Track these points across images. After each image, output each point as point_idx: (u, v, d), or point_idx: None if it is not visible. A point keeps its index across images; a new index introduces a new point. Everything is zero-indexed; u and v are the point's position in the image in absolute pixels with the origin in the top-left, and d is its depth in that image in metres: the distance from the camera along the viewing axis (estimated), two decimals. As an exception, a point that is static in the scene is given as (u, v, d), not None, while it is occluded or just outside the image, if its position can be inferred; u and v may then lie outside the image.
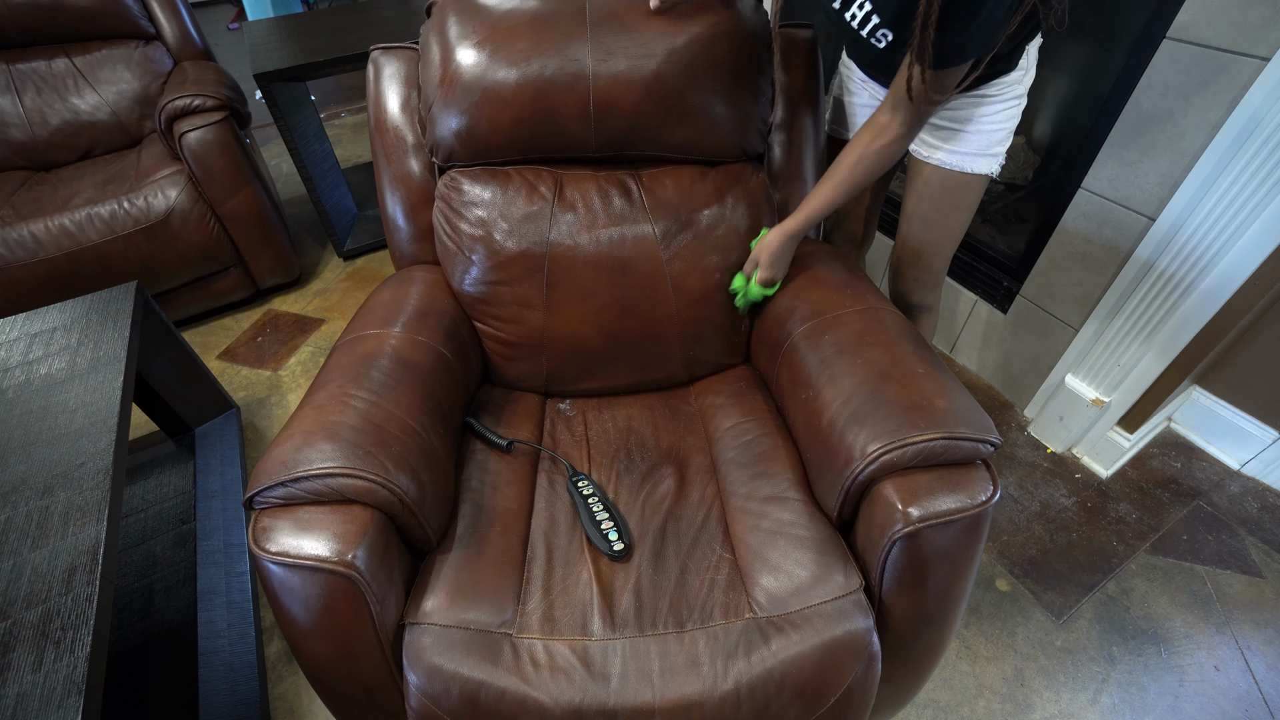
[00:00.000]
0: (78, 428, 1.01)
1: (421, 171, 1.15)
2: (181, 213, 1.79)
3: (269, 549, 0.72)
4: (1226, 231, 1.13)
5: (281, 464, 0.76)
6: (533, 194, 1.10)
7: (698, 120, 1.08)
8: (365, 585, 0.73)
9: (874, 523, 0.80)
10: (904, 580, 0.80)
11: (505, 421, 1.12)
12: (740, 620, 0.82)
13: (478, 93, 1.03)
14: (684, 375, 1.22)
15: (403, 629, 0.80)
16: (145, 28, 2.04)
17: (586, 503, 0.96)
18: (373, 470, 0.77)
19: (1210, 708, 1.16)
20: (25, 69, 1.94)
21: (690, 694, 0.77)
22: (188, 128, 1.76)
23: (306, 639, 0.75)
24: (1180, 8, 1.07)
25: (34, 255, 1.67)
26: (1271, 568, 1.37)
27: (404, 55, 1.14)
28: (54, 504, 0.90)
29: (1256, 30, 1.00)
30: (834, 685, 0.79)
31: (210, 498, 1.46)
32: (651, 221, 1.11)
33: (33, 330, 1.21)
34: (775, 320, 1.11)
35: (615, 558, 0.90)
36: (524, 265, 1.10)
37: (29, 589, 0.80)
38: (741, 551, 0.90)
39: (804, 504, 0.93)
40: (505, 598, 0.84)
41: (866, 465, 0.79)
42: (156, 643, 1.21)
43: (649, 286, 1.12)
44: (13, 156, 1.94)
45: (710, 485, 1.01)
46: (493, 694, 0.76)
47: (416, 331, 1.03)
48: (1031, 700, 1.18)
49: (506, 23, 1.03)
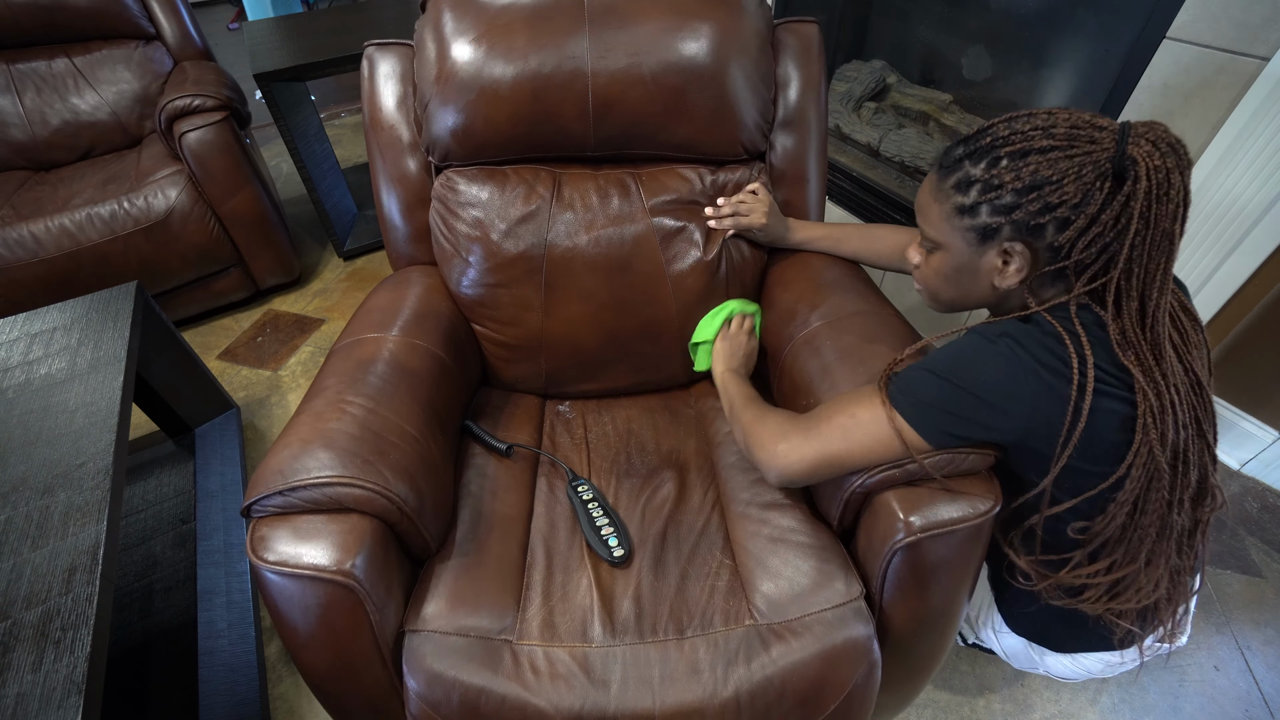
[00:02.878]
0: (78, 428, 1.01)
1: (418, 170, 1.14)
2: (181, 213, 1.79)
3: (267, 558, 0.71)
4: (1227, 231, 1.13)
5: (279, 473, 0.75)
6: (530, 194, 1.09)
7: (698, 118, 1.07)
8: (364, 594, 0.73)
9: (875, 531, 0.80)
10: (905, 589, 0.80)
11: (504, 424, 1.12)
12: (741, 627, 0.82)
13: (474, 90, 1.02)
14: (684, 377, 1.22)
15: (402, 636, 0.80)
16: (145, 28, 2.03)
17: (586, 508, 0.96)
18: (371, 479, 0.77)
19: (1210, 708, 1.16)
20: (25, 69, 1.94)
21: (690, 701, 0.77)
22: (188, 128, 1.75)
23: (306, 647, 0.75)
24: (1180, 8, 1.06)
25: (34, 255, 1.66)
26: (1271, 568, 1.36)
27: (399, 51, 1.13)
28: (54, 504, 0.90)
29: (1256, 30, 0.99)
30: (834, 692, 0.79)
31: (210, 498, 1.46)
32: (651, 221, 1.10)
33: (33, 330, 1.21)
34: (776, 324, 1.10)
35: (615, 564, 0.90)
36: (522, 266, 1.09)
37: (29, 589, 0.80)
38: (742, 558, 0.89)
39: (805, 511, 0.93)
40: (505, 604, 0.84)
41: (868, 476, 0.78)
42: (156, 643, 1.21)
43: (649, 287, 1.11)
44: (13, 156, 1.94)
45: (711, 490, 1.01)
46: (493, 700, 0.76)
47: (414, 335, 1.02)
48: (1031, 700, 1.18)
49: (504, 18, 1.01)
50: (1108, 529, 0.70)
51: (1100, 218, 0.63)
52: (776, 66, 1.14)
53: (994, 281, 0.72)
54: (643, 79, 1.03)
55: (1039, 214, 0.64)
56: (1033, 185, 0.64)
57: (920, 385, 0.72)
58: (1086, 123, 0.64)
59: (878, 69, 1.92)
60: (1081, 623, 0.83)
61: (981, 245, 0.70)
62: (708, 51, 1.03)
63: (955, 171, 0.70)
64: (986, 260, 0.71)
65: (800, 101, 1.15)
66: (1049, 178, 0.63)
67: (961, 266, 0.73)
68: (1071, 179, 0.62)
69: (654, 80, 1.03)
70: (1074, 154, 0.63)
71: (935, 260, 0.77)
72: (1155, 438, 0.64)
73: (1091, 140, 0.63)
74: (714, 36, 1.03)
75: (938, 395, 0.70)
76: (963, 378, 0.68)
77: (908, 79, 1.92)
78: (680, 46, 1.02)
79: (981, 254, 0.71)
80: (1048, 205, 0.64)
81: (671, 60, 1.02)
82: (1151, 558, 0.72)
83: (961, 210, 0.70)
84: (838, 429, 0.76)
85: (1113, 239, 0.63)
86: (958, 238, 0.72)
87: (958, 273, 0.74)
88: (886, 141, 1.83)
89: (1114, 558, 0.72)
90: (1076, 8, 1.34)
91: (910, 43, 1.89)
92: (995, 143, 0.67)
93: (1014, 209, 0.66)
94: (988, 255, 0.70)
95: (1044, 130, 0.65)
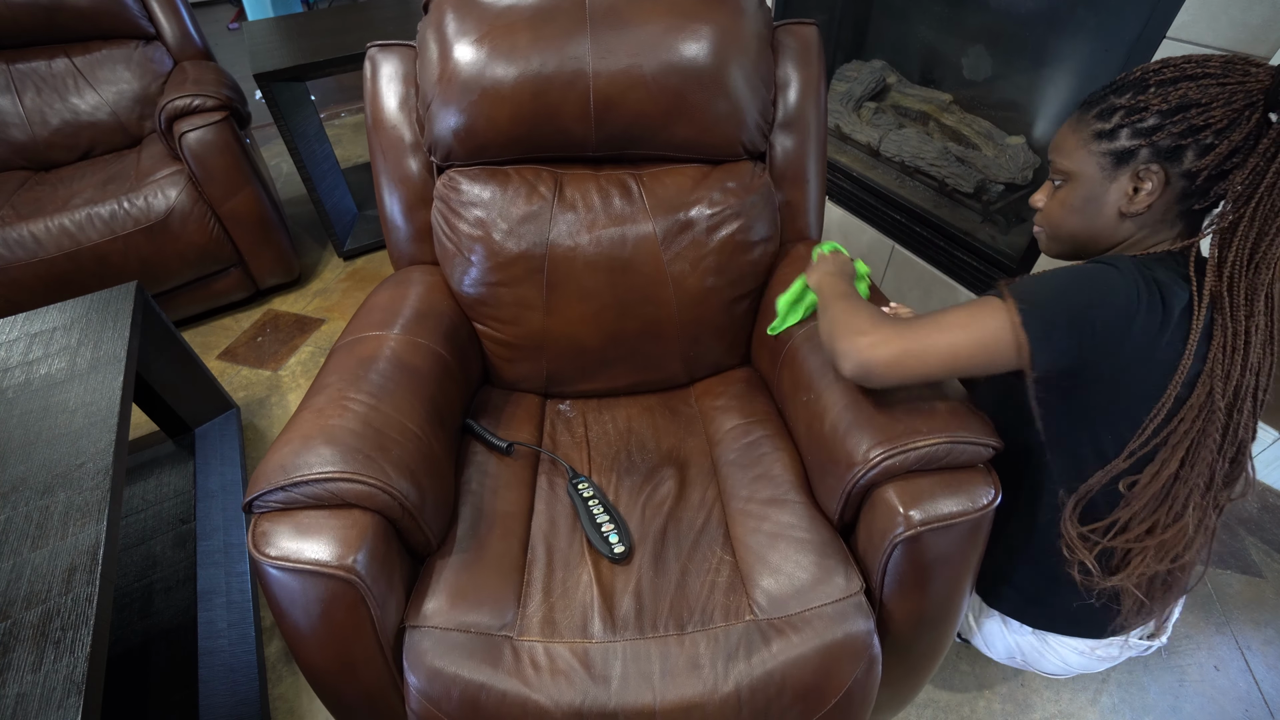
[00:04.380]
0: (78, 428, 1.01)
1: (420, 171, 1.15)
2: (181, 213, 1.79)
3: (269, 553, 0.72)
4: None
5: (280, 468, 0.75)
6: (532, 194, 1.10)
7: (699, 119, 1.07)
8: (365, 589, 0.73)
9: (875, 526, 0.80)
10: (905, 583, 0.80)
11: (505, 423, 1.12)
12: (741, 622, 0.82)
13: (476, 90, 1.03)
14: (684, 376, 1.22)
15: (403, 632, 0.80)
16: (145, 28, 2.03)
17: (587, 505, 0.96)
18: (372, 475, 0.77)
19: (1210, 708, 1.16)
20: (25, 69, 1.94)
21: (691, 696, 0.77)
22: (188, 128, 1.75)
23: (307, 643, 0.75)
24: (1180, 8, 1.07)
25: (34, 255, 1.66)
26: (1271, 568, 1.37)
27: (402, 52, 1.13)
28: (54, 504, 0.90)
29: (1257, 30, 1.00)
30: (834, 687, 0.79)
31: (210, 498, 1.46)
32: (652, 221, 1.10)
33: (33, 330, 1.21)
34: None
35: (616, 560, 0.90)
36: (523, 266, 1.10)
37: (29, 589, 0.79)
38: (742, 554, 0.90)
39: (805, 506, 0.93)
40: (506, 600, 0.84)
41: (868, 470, 0.79)
42: (156, 643, 1.21)
43: (650, 287, 1.12)
44: (13, 156, 1.94)
45: (711, 487, 1.01)
46: (493, 696, 0.76)
47: (415, 333, 1.02)
48: (1031, 700, 1.18)
49: (506, 19, 1.02)
50: (1158, 479, 0.70)
51: (1242, 147, 0.63)
52: (776, 67, 1.14)
53: (1120, 208, 0.72)
54: (644, 80, 1.03)
55: (1182, 135, 0.65)
56: (1180, 107, 0.65)
57: (1039, 289, 0.70)
58: (1241, 59, 0.65)
59: (878, 69, 1.92)
60: (1065, 603, 0.84)
61: (1115, 170, 0.70)
62: (708, 52, 1.03)
63: (1099, 104, 0.71)
64: (1117, 187, 0.71)
65: (800, 102, 1.16)
66: (1197, 100, 0.64)
67: (1090, 196, 0.74)
68: (1221, 104, 0.63)
69: (655, 81, 1.03)
70: (1226, 82, 0.64)
71: (1062, 193, 0.77)
72: (1221, 374, 0.66)
73: (1245, 74, 0.64)
74: (714, 38, 1.03)
75: (1055, 298, 0.69)
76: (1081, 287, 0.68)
77: (908, 79, 1.92)
78: (681, 47, 1.03)
79: (1113, 179, 0.71)
80: (1192, 127, 0.64)
81: (672, 61, 1.03)
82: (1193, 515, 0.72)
83: (1100, 135, 0.71)
84: (941, 327, 0.73)
85: (1249, 173, 0.63)
86: (1091, 163, 0.72)
87: (1085, 203, 0.74)
88: (886, 141, 1.83)
89: (1157, 517, 0.73)
90: (1076, 7, 1.35)
91: (910, 43, 1.89)
92: (1145, 75, 0.68)
93: (1156, 130, 0.66)
94: (1119, 181, 0.71)
95: (1197, 62, 0.66)
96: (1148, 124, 0.67)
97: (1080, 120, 0.73)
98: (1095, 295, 0.67)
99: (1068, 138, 0.75)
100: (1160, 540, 0.73)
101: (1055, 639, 0.91)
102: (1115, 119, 0.69)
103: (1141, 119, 0.67)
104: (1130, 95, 0.68)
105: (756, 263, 1.16)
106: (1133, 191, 0.70)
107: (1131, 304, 0.66)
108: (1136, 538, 0.74)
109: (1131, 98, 0.68)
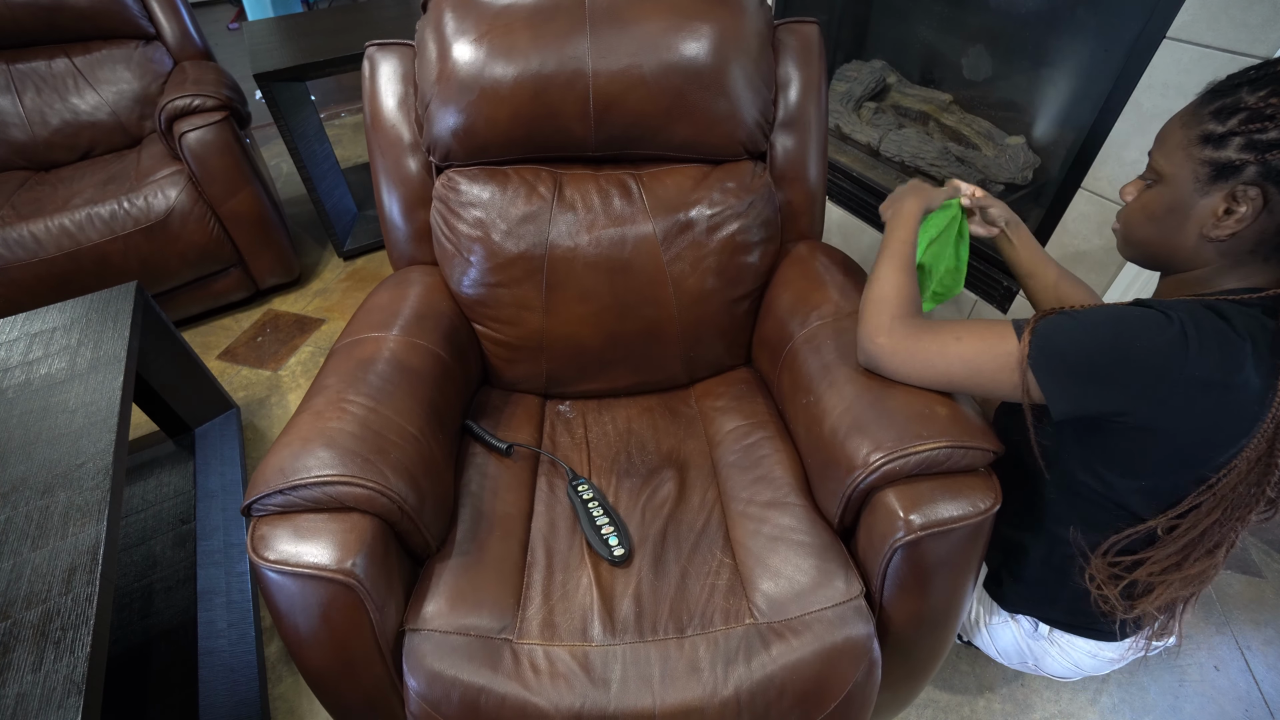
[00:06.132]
0: (78, 428, 1.01)
1: (419, 170, 1.14)
2: (181, 213, 1.79)
3: (268, 556, 0.72)
4: (1228, 233, 1.13)
5: (279, 471, 0.75)
6: (531, 194, 1.09)
7: (699, 118, 1.07)
8: (365, 593, 0.73)
9: (875, 530, 0.80)
10: (905, 587, 0.80)
11: (505, 424, 1.12)
12: (741, 626, 0.82)
13: (475, 90, 1.02)
14: (684, 377, 1.22)
15: (403, 635, 0.80)
16: (145, 28, 2.03)
17: (586, 507, 0.96)
18: (371, 478, 0.77)
19: (1210, 708, 1.16)
20: (25, 69, 1.94)
21: (691, 700, 0.77)
22: (188, 128, 1.75)
23: (306, 646, 0.75)
24: (1180, 8, 1.06)
25: (34, 255, 1.66)
26: (1271, 568, 1.37)
27: (400, 52, 1.13)
28: (54, 504, 0.90)
29: (1256, 30, 0.99)
30: (834, 691, 0.79)
31: (210, 498, 1.46)
32: (652, 222, 1.10)
33: (33, 330, 1.21)
34: (777, 322, 1.11)
35: (615, 563, 0.90)
36: (523, 266, 1.10)
37: (29, 589, 0.80)
38: (742, 556, 0.89)
39: (805, 509, 0.93)
40: (505, 603, 0.84)
41: (868, 474, 0.78)
42: (156, 643, 1.21)
43: (649, 287, 1.11)
44: (13, 156, 1.94)
45: (711, 489, 1.01)
46: (493, 699, 0.76)
47: (414, 334, 1.02)
48: (1031, 700, 1.18)
49: (505, 18, 1.02)
50: (1198, 527, 0.67)
51: None
52: (777, 67, 1.14)
53: (1203, 230, 0.64)
54: (643, 79, 1.03)
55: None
56: None
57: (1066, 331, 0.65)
58: None
59: (878, 69, 1.92)
60: (1081, 606, 0.82)
61: (1210, 184, 0.63)
62: (708, 52, 1.03)
63: (1226, 96, 0.62)
64: (1206, 203, 0.63)
65: (800, 101, 1.16)
66: None
67: (1174, 207, 0.66)
68: None
69: (655, 80, 1.03)
70: None
71: (1149, 195, 0.70)
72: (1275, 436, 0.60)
73: None
74: (714, 37, 1.03)
75: (1079, 342, 0.64)
76: (1116, 334, 0.63)
77: (908, 79, 1.92)
78: (681, 47, 1.02)
79: (1204, 194, 0.63)
80: None
81: (672, 61, 1.02)
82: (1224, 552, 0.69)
83: (1207, 139, 0.62)
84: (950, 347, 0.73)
85: None
86: (1187, 169, 0.64)
87: (1168, 212, 0.67)
88: (886, 141, 1.83)
89: (1188, 553, 0.69)
90: (1076, 8, 1.34)
91: (910, 43, 1.89)
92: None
93: (1275, 147, 0.57)
94: (1210, 198, 0.63)
95: None
96: (1268, 136, 0.58)
97: (1194, 115, 0.64)
98: (1128, 343, 0.61)
99: (1174, 132, 0.66)
100: (1187, 574, 0.70)
101: (1066, 640, 0.90)
102: (1233, 122, 0.60)
103: (1263, 129, 0.58)
104: (1264, 95, 0.58)
105: (757, 263, 1.16)
106: (1223, 213, 0.62)
107: (1176, 356, 0.59)
108: (1164, 570, 0.71)
109: (1264, 99, 0.58)
